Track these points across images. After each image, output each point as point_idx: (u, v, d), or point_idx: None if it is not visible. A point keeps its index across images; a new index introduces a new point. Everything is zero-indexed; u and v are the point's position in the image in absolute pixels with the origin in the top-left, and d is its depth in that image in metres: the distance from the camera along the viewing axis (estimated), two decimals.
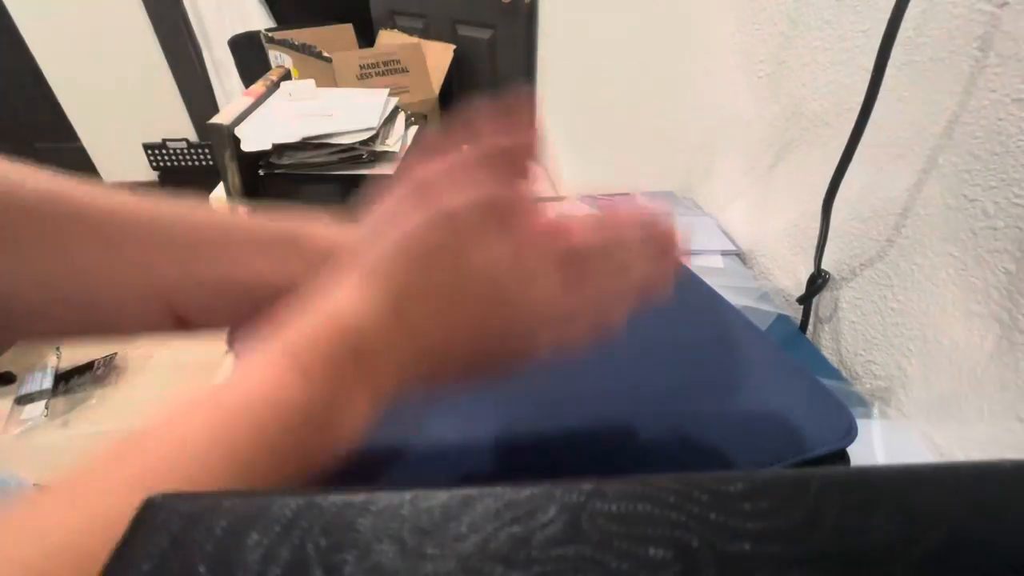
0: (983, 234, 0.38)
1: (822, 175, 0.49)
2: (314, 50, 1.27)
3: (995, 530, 0.11)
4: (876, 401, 0.47)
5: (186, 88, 2.13)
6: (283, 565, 0.11)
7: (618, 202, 0.74)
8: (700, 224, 0.70)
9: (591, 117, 1.19)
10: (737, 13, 0.65)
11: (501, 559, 0.11)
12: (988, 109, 0.37)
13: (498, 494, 0.12)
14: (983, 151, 0.38)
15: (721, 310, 0.42)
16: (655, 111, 0.89)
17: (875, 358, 0.49)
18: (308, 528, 0.11)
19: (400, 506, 0.12)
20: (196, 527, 0.11)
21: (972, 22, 0.37)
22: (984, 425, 0.39)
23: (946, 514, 0.11)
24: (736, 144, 0.68)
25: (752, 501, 0.12)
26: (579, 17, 1.17)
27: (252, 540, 0.11)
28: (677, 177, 0.84)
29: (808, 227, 0.56)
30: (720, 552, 0.11)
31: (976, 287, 0.39)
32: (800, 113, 0.56)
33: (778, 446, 0.31)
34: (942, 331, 0.42)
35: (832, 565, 0.11)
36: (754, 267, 0.65)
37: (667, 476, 0.12)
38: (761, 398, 0.34)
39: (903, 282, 0.45)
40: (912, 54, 0.42)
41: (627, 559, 0.11)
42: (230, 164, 0.74)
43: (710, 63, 0.72)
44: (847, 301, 0.52)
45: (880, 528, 0.11)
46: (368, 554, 0.11)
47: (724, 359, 0.37)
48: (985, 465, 0.13)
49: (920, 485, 0.12)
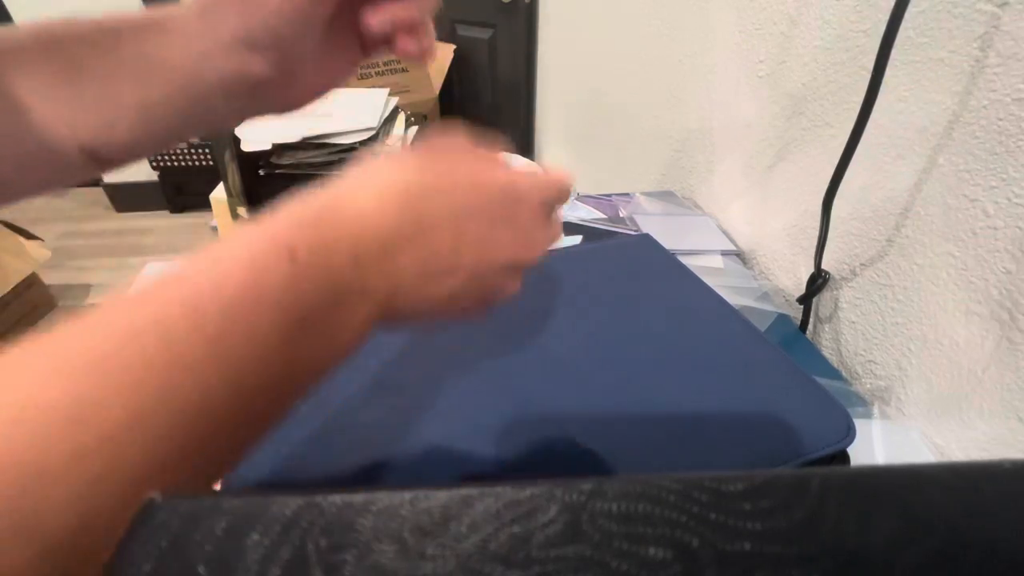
0: (983, 234, 0.38)
1: (822, 175, 0.49)
2: None
3: (995, 530, 0.11)
4: (876, 401, 0.47)
5: None
6: (283, 565, 0.11)
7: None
8: (700, 224, 0.70)
9: (591, 117, 1.19)
10: (737, 13, 0.65)
11: (501, 559, 0.11)
12: (988, 109, 0.37)
13: (498, 494, 0.12)
14: (983, 151, 0.38)
15: (720, 311, 0.42)
16: (655, 111, 0.89)
17: (875, 358, 0.49)
18: (308, 528, 0.11)
19: (400, 506, 0.12)
20: (196, 527, 0.11)
21: (972, 22, 0.37)
22: (984, 425, 0.39)
23: (946, 514, 0.11)
24: (736, 144, 0.68)
25: (752, 501, 0.12)
26: (579, 17, 1.17)
27: (252, 540, 0.11)
28: (677, 177, 0.84)
29: (808, 227, 0.56)
30: (720, 552, 0.11)
31: (976, 287, 0.39)
32: (800, 113, 0.56)
33: (777, 448, 0.31)
34: (942, 331, 0.42)
35: (832, 565, 0.11)
36: (754, 267, 0.65)
37: (667, 476, 0.12)
38: (760, 400, 0.34)
39: (903, 282, 0.45)
40: (912, 54, 0.42)
41: (627, 559, 0.11)
42: (230, 164, 0.74)
43: (710, 63, 0.72)
44: (847, 301, 0.52)
45: (880, 528, 0.11)
46: (368, 554, 0.11)
47: (723, 361, 0.37)
48: (985, 465, 0.13)
49: (920, 485, 0.12)
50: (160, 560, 0.11)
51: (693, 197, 0.79)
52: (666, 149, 0.86)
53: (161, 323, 0.15)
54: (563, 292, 0.43)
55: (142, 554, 0.11)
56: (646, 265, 0.48)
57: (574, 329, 0.39)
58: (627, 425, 0.32)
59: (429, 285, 0.21)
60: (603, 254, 0.50)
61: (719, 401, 0.34)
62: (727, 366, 0.37)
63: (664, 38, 0.84)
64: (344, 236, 0.18)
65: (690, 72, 0.77)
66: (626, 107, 1.01)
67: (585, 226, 0.67)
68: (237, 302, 0.16)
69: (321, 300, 0.17)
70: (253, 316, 0.16)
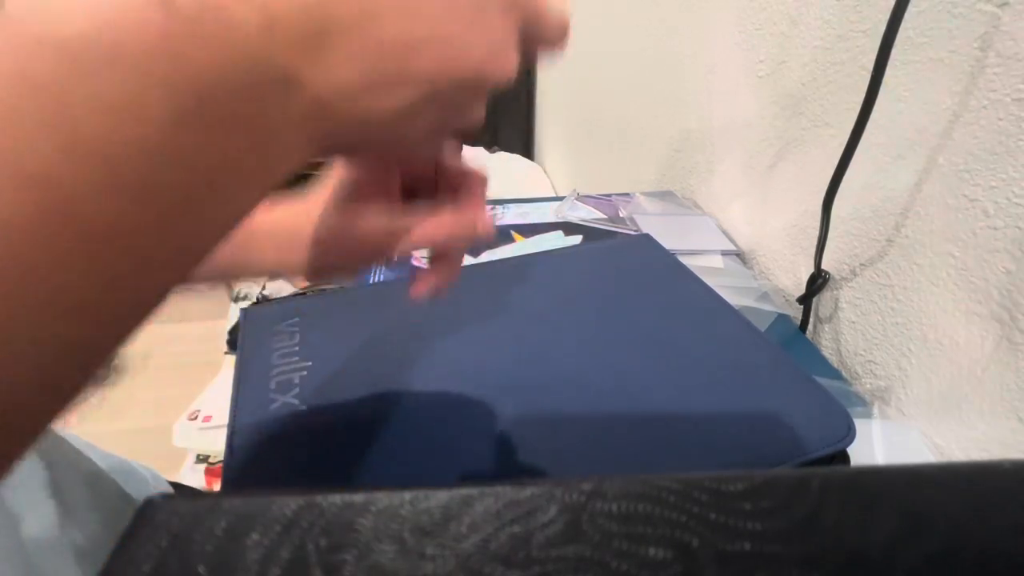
0: (983, 234, 0.38)
1: (822, 175, 0.49)
2: None
3: (995, 530, 0.11)
4: (876, 401, 0.47)
5: None
6: (283, 565, 0.11)
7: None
8: (700, 224, 0.70)
9: (591, 117, 1.19)
10: (737, 13, 0.65)
11: (501, 559, 0.11)
12: (988, 109, 0.37)
13: (498, 494, 0.12)
14: (983, 151, 0.38)
15: (720, 311, 0.42)
16: (655, 111, 0.89)
17: (875, 358, 0.49)
18: (308, 528, 0.11)
19: (400, 506, 0.12)
20: (196, 527, 0.11)
21: (972, 22, 0.37)
22: (984, 425, 0.39)
23: (946, 514, 0.11)
24: (736, 144, 0.68)
25: (752, 501, 0.12)
26: (579, 17, 1.17)
27: (252, 540, 0.11)
28: (677, 177, 0.84)
29: (808, 227, 0.56)
30: (720, 552, 0.11)
31: (976, 287, 0.39)
32: (800, 113, 0.56)
33: (777, 448, 0.31)
34: (942, 331, 0.42)
35: (832, 565, 0.11)
36: (754, 267, 0.65)
37: (667, 476, 0.12)
38: (760, 400, 0.34)
39: (903, 282, 0.45)
40: (912, 54, 0.42)
41: (627, 559, 0.11)
42: None
43: (710, 62, 0.72)
44: (847, 301, 0.52)
45: (880, 528, 0.11)
46: (368, 554, 0.11)
47: (723, 361, 0.37)
48: (985, 465, 0.13)
49: (920, 485, 0.12)
50: (160, 560, 0.11)
51: (693, 197, 0.79)
52: (666, 149, 0.86)
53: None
54: (563, 292, 0.43)
55: (142, 554, 0.11)
56: (646, 265, 0.48)
57: (573, 329, 0.39)
58: (627, 425, 0.32)
59: (374, 94, 0.16)
60: (603, 254, 0.50)
61: (719, 401, 0.34)
62: (727, 366, 0.37)
63: (664, 38, 0.84)
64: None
65: (690, 72, 0.77)
66: (626, 107, 1.01)
67: (585, 226, 0.67)
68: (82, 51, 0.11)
69: (222, 77, 0.13)
70: (109, 77, 0.11)
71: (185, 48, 0.12)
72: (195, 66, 0.12)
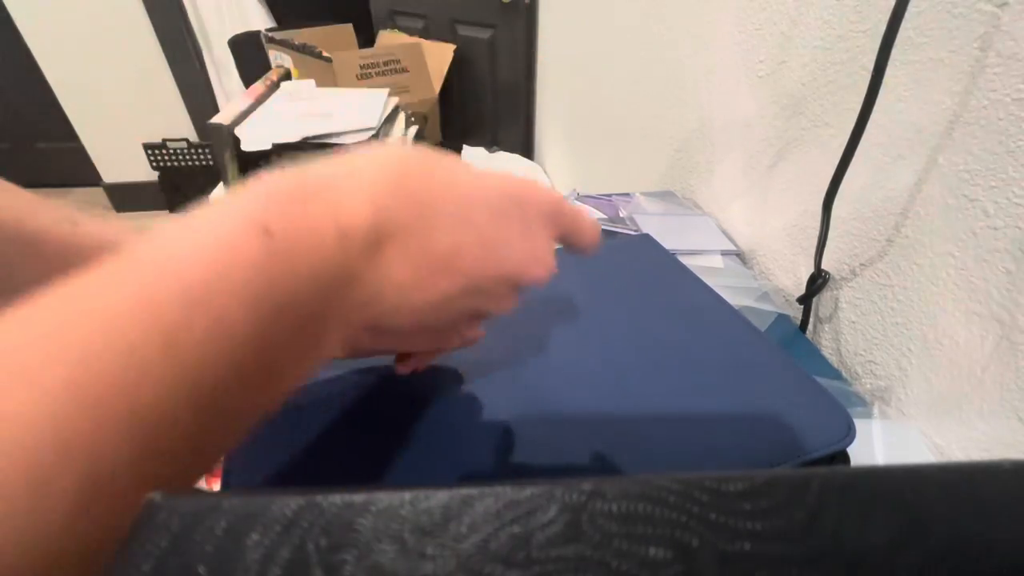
0: (983, 234, 0.38)
1: (822, 175, 0.49)
2: (314, 50, 1.27)
3: (995, 530, 0.11)
4: (876, 401, 0.47)
5: (186, 88, 2.13)
6: (283, 565, 0.11)
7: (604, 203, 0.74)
8: (700, 224, 0.70)
9: (591, 116, 1.19)
10: (737, 13, 0.65)
11: (501, 559, 0.11)
12: (988, 109, 0.37)
13: (498, 494, 0.12)
14: (983, 151, 0.38)
15: (720, 311, 0.42)
16: (655, 111, 0.89)
17: (875, 358, 0.49)
18: (308, 528, 0.11)
19: (400, 506, 0.12)
20: (196, 527, 0.11)
21: (972, 22, 0.37)
22: (984, 425, 0.39)
23: (946, 514, 0.11)
24: (736, 144, 0.68)
25: (752, 501, 0.12)
26: (579, 16, 1.17)
27: (252, 540, 0.11)
28: (677, 177, 0.84)
29: (808, 227, 0.56)
30: (720, 552, 0.11)
31: (976, 287, 0.39)
32: (800, 113, 0.56)
33: (777, 448, 0.31)
34: (942, 331, 0.42)
35: (832, 565, 0.11)
36: (754, 267, 0.65)
37: (667, 476, 0.12)
38: (760, 400, 0.34)
39: (903, 282, 0.45)
40: (912, 54, 0.42)
41: (627, 559, 0.11)
42: (230, 164, 0.74)
43: (710, 62, 0.72)
44: (847, 301, 0.52)
45: (880, 528, 0.11)
46: (368, 554, 0.11)
47: (723, 361, 0.37)
48: (985, 465, 0.13)
49: (920, 485, 0.12)
50: (160, 560, 0.11)
51: (693, 197, 0.79)
52: (666, 149, 0.86)
53: (112, 322, 0.13)
54: (562, 292, 0.43)
55: (142, 554, 0.11)
56: (646, 265, 0.48)
57: (573, 329, 0.39)
58: (626, 425, 0.32)
59: (419, 286, 0.18)
60: (603, 254, 0.50)
61: (719, 401, 0.34)
62: (727, 366, 0.37)
63: (664, 38, 0.84)
64: (329, 212, 0.15)
65: (690, 72, 0.77)
66: (626, 107, 1.01)
67: None
68: (200, 288, 0.13)
69: (301, 287, 0.15)
70: (218, 305, 0.13)
71: (276, 267, 0.14)
72: (281, 282, 0.14)
